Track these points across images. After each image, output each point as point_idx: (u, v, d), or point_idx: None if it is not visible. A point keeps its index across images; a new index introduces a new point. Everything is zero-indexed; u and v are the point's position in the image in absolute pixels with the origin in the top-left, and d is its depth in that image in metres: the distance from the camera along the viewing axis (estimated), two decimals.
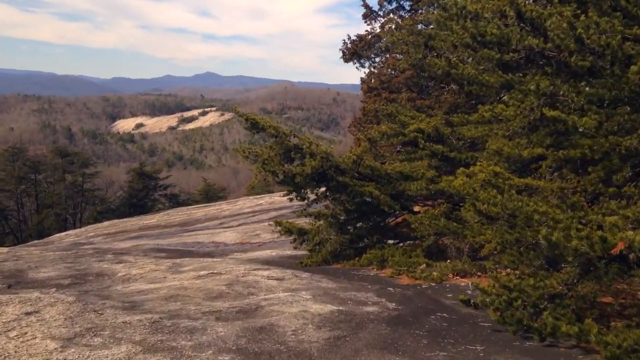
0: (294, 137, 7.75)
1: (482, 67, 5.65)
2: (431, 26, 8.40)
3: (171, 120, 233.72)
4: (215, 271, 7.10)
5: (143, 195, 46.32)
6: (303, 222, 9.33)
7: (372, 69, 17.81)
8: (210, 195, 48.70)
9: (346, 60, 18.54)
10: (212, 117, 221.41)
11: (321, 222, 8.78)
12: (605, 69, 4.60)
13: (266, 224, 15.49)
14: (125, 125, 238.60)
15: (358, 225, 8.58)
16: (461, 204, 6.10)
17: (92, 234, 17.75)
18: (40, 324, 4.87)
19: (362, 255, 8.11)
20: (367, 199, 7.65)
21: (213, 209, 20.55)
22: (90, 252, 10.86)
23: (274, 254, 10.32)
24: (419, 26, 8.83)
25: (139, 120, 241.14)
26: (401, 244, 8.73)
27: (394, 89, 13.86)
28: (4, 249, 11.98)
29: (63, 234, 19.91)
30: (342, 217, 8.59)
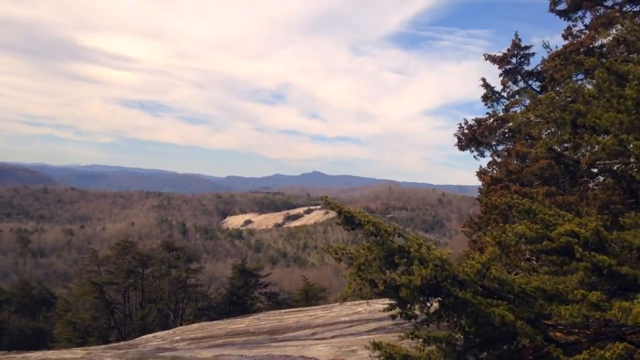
0: (399, 236, 6.11)
1: None
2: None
3: (277, 217, 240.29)
4: None
5: (243, 293, 45.63)
6: (409, 343, 7.41)
7: (495, 157, 15.73)
8: (310, 295, 47.09)
9: (462, 148, 16.59)
10: (316, 216, 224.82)
11: (432, 347, 6.83)
12: None
13: (364, 337, 13.51)
14: (235, 221, 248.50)
15: (481, 355, 6.53)
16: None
17: (178, 337, 16.69)
18: None
19: None
20: (496, 323, 5.71)
21: (306, 315, 18.83)
22: None
23: None
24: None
25: (247, 217, 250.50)
26: None
27: (524, 182, 11.85)
28: (78, 352, 11.00)
29: (151, 335, 19.12)
30: (459, 344, 6.61)
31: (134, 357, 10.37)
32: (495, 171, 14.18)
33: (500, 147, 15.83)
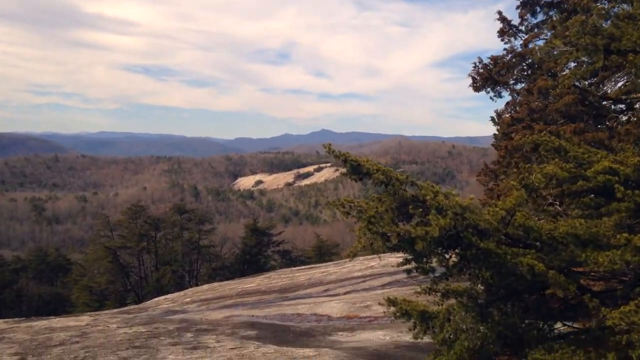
0: (412, 185, 5.51)
1: None
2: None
3: (288, 176, 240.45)
4: None
5: (256, 252, 45.73)
6: (426, 299, 6.92)
7: (515, 96, 14.67)
8: (323, 251, 47.11)
9: (477, 89, 15.51)
10: (326, 173, 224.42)
11: (451, 302, 6.34)
12: None
13: (378, 292, 13.11)
14: (246, 182, 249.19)
15: (506, 308, 6.02)
16: None
17: (188, 299, 16.47)
18: None
19: (518, 356, 5.58)
20: (524, 274, 5.16)
21: (318, 271, 18.51)
22: (171, 329, 9.18)
23: (387, 338, 7.95)
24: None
25: (258, 177, 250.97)
26: (572, 336, 6.03)
27: (549, 121, 10.96)
28: (83, 320, 10.68)
29: (162, 298, 18.97)
30: (481, 297, 6.11)
31: (141, 322, 10.03)
32: (514, 112, 13.15)
33: (518, 86, 14.79)
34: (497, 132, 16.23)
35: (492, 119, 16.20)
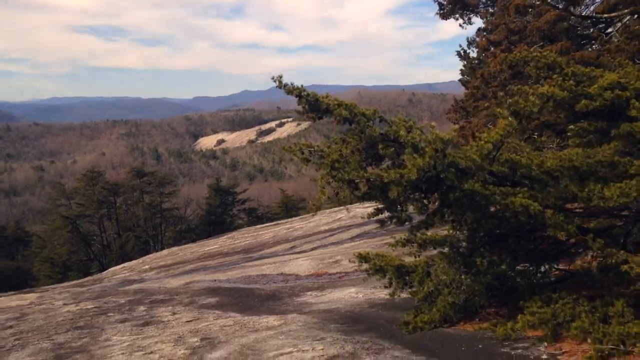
0: (381, 121, 4.65)
1: None
2: None
3: (250, 134, 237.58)
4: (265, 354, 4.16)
5: (221, 212, 44.79)
6: (401, 251, 6.19)
7: (490, 17, 13.56)
8: (290, 207, 46.53)
9: (444, 16, 14.41)
10: (289, 128, 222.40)
11: (430, 253, 5.66)
12: None
13: (348, 245, 12.45)
14: (208, 142, 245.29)
15: (490, 257, 5.34)
16: None
17: (147, 266, 15.52)
18: None
19: (509, 308, 4.96)
20: (515, 216, 4.43)
21: (284, 228, 17.70)
22: (123, 302, 8.33)
23: (361, 296, 7.26)
24: None
25: (219, 136, 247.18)
26: (568, 280, 5.44)
27: (530, 43, 10.05)
28: (28, 298, 9.72)
29: (119, 267, 17.95)
30: (463, 245, 5.42)
31: (92, 297, 9.14)
32: (495, 32, 11.99)
33: (491, 10, 13.67)
34: (463, 68, 15.39)
35: (458, 53, 15.29)
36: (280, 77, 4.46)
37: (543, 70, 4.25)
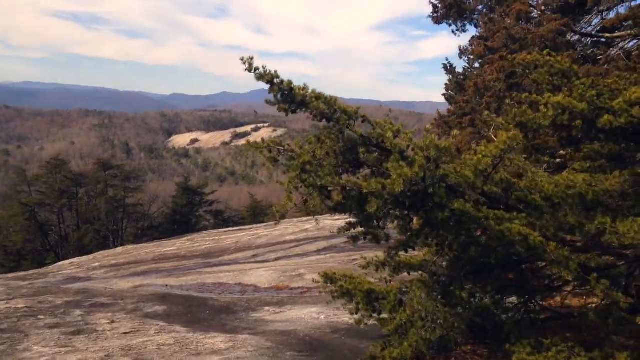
0: (363, 121, 3.99)
1: None
2: None
3: (225, 135, 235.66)
4: None
5: (187, 212, 43.71)
6: (370, 273, 5.52)
7: (488, 22, 12.84)
8: (258, 212, 45.73)
9: (437, 20, 13.68)
10: (264, 133, 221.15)
11: (405, 278, 5.02)
12: None
13: (313, 258, 11.76)
14: (181, 140, 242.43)
15: (472, 288, 4.72)
16: None
17: (97, 264, 14.54)
18: None
19: (488, 348, 4.35)
20: (517, 246, 3.81)
21: (247, 234, 16.89)
22: (59, 304, 7.47)
23: (322, 317, 6.58)
24: None
25: (194, 135, 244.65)
26: (558, 321, 4.88)
27: (532, 51, 9.46)
28: None
29: (67, 262, 16.89)
30: (444, 272, 4.79)
31: (28, 294, 8.23)
32: (494, 39, 11.23)
33: (490, 16, 12.99)
34: (448, 83, 14.86)
35: (444, 66, 14.80)
36: (251, 58, 3.75)
37: (557, 77, 3.66)
